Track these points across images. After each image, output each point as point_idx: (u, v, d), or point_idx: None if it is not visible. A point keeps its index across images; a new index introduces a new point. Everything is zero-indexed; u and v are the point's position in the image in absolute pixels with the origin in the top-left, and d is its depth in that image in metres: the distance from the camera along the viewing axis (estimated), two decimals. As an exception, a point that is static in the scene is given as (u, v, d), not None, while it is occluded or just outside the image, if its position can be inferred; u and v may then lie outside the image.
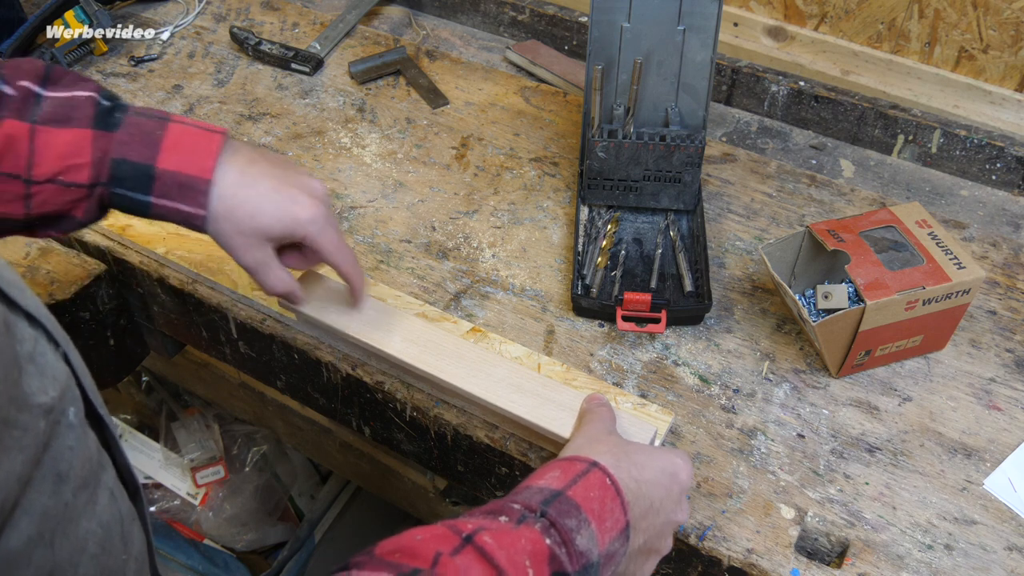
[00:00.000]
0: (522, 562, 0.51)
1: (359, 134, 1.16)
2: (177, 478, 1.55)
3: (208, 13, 1.38)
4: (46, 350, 0.45)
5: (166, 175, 0.67)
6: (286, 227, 0.70)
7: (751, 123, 1.19)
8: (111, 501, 0.51)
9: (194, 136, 0.68)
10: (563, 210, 1.05)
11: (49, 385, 0.43)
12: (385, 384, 0.86)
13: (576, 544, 0.55)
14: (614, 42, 0.97)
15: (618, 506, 0.59)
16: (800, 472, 0.79)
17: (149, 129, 0.68)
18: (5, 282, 0.44)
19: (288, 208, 0.70)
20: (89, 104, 0.67)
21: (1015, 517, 0.76)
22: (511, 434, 0.81)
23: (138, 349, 1.10)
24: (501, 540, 0.51)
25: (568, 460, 0.62)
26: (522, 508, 0.56)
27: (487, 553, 0.50)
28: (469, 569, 0.49)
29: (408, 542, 0.51)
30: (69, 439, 0.45)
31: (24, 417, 0.41)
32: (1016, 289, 0.95)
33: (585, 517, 0.56)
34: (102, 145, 0.66)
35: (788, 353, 0.89)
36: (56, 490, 0.44)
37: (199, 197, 0.68)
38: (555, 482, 0.59)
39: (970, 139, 1.08)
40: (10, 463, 0.39)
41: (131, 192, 0.68)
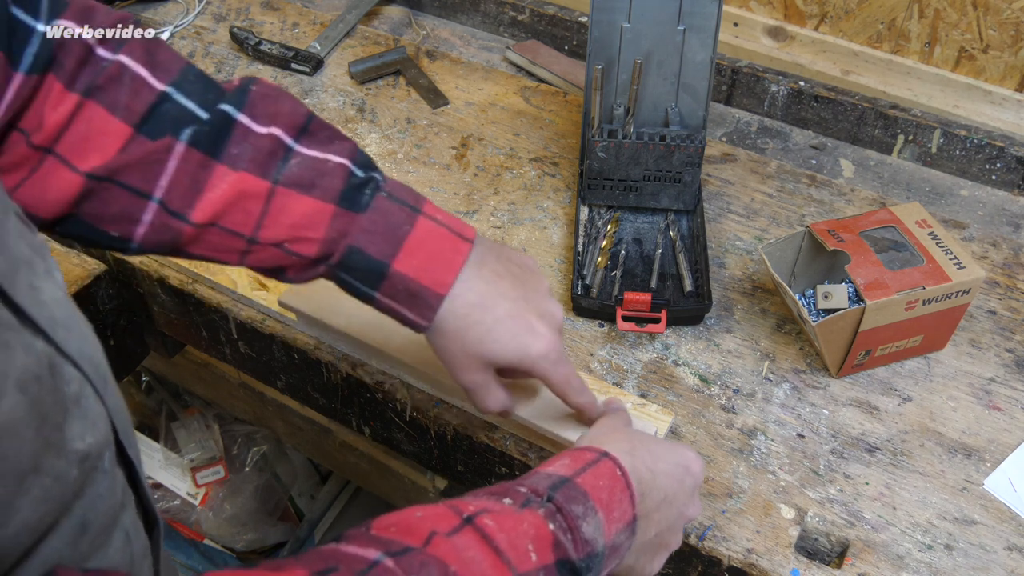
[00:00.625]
0: (524, 546, 0.50)
1: (359, 134, 1.16)
2: (177, 478, 1.55)
3: (208, 13, 1.38)
4: (89, 393, 0.42)
5: (398, 277, 0.61)
6: (516, 359, 0.64)
7: (751, 123, 1.19)
8: (125, 543, 0.48)
9: (441, 241, 0.62)
10: (563, 210, 1.05)
11: (88, 431, 0.41)
12: (385, 384, 0.86)
13: (582, 531, 0.54)
14: (614, 42, 0.97)
15: (627, 498, 0.58)
16: (800, 472, 0.79)
17: (396, 222, 0.61)
18: (52, 323, 0.41)
19: (522, 340, 0.63)
20: (340, 173, 0.61)
21: (1015, 517, 0.76)
22: (511, 434, 0.81)
23: (138, 349, 1.10)
24: (503, 523, 0.50)
25: (580, 449, 0.61)
26: (528, 492, 0.55)
27: (487, 535, 0.49)
28: (467, 549, 0.48)
29: (406, 518, 0.50)
30: (101, 487, 0.43)
31: (60, 464, 0.38)
32: (1016, 289, 0.95)
33: (592, 505, 0.55)
34: (341, 226, 0.61)
35: (788, 353, 0.89)
36: (76, 540, 0.41)
37: (427, 311, 0.62)
38: (564, 469, 0.57)
39: (970, 139, 1.08)
40: (30, 514, 0.37)
41: (357, 282, 0.63)
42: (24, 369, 0.36)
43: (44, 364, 0.38)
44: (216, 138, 0.59)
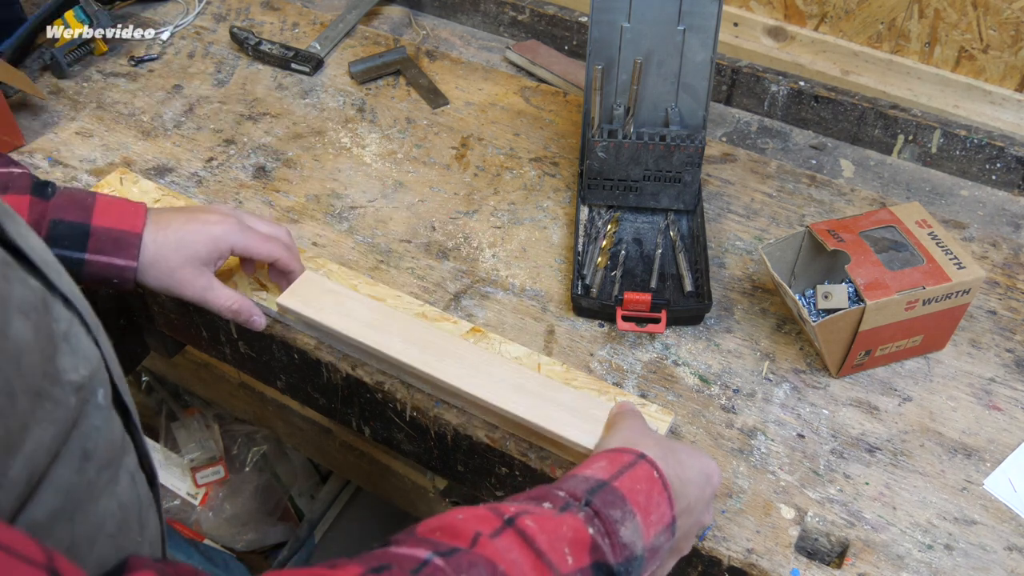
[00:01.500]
0: (561, 549, 0.51)
1: (359, 134, 1.16)
2: (177, 478, 1.55)
3: (208, 13, 1.38)
4: (80, 332, 0.46)
5: (100, 231, 0.76)
6: (209, 244, 0.79)
7: (751, 123, 1.19)
8: (131, 484, 0.52)
9: (122, 205, 0.78)
10: (563, 210, 1.05)
11: (81, 364, 0.45)
12: (385, 384, 0.86)
13: (620, 536, 0.54)
14: (614, 42, 0.97)
15: (665, 500, 0.59)
16: (800, 472, 0.79)
17: (82, 199, 0.77)
18: (44, 264, 0.46)
19: (203, 230, 0.79)
20: (25, 178, 0.76)
21: (1015, 517, 0.76)
22: (511, 434, 0.81)
23: (138, 349, 1.10)
24: (543, 525, 0.51)
25: (616, 451, 0.61)
26: (567, 496, 0.56)
27: (528, 536, 0.50)
28: (509, 550, 0.49)
29: (450, 521, 0.51)
30: (97, 419, 0.46)
31: (57, 392, 0.42)
32: (1016, 289, 0.95)
33: (631, 509, 0.56)
34: (40, 210, 0.75)
35: (788, 353, 0.89)
36: (81, 467, 0.45)
37: (131, 250, 0.77)
38: (602, 472, 0.58)
39: (970, 139, 1.08)
40: (42, 434, 0.40)
41: (66, 251, 0.75)
42: (23, 298, 0.40)
43: (39, 298, 0.42)
44: None
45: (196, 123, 1.17)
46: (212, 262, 0.81)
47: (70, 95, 1.21)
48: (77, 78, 1.24)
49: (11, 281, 0.40)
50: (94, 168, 1.09)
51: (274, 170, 1.10)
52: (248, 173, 1.09)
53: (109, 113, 1.18)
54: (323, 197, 1.06)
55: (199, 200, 1.04)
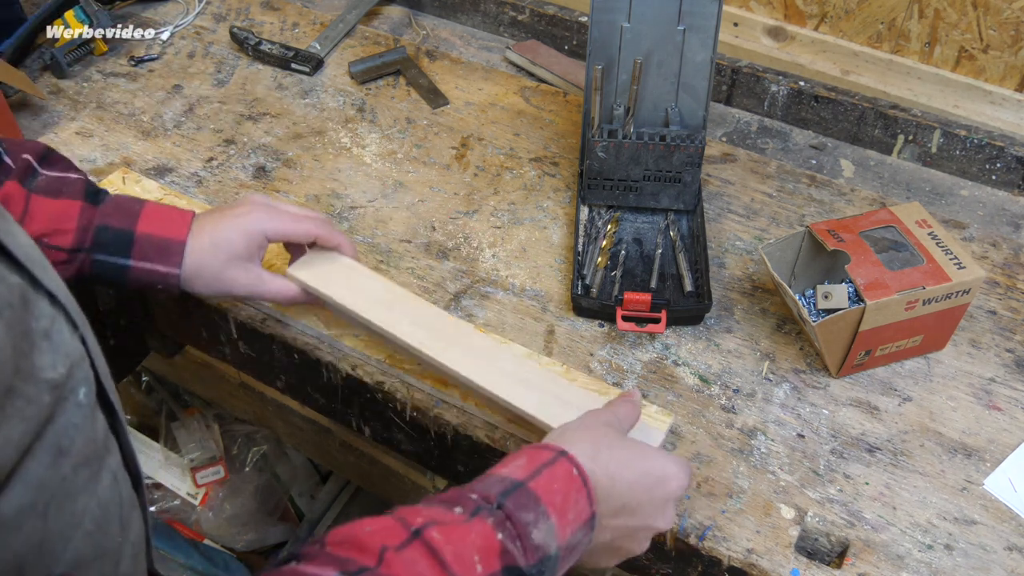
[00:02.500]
0: (471, 557, 0.51)
1: (359, 134, 1.16)
2: (177, 478, 1.55)
3: (208, 13, 1.38)
4: (63, 329, 0.46)
5: (144, 237, 0.77)
6: (244, 238, 0.79)
7: (751, 123, 1.19)
8: (113, 484, 0.51)
9: (168, 212, 0.79)
10: (563, 210, 1.05)
11: (60, 361, 0.45)
12: (385, 384, 0.86)
13: (532, 538, 0.54)
14: (614, 42, 0.97)
15: (583, 497, 0.58)
16: (800, 472, 0.79)
17: (129, 205, 0.78)
18: (29, 260, 0.45)
19: (233, 225, 0.79)
20: (80, 183, 0.78)
21: (1015, 517, 0.76)
22: (511, 434, 0.81)
23: (138, 349, 1.10)
24: (450, 535, 0.51)
25: (538, 448, 0.61)
26: (479, 499, 0.55)
27: (434, 548, 0.50)
28: (415, 563, 0.49)
29: (357, 533, 0.51)
30: (75, 417, 0.46)
31: (30, 389, 0.42)
32: (1016, 289, 0.95)
33: (544, 510, 0.56)
34: (89, 215, 0.76)
35: (788, 353, 0.89)
36: (55, 463, 0.44)
37: (175, 257, 0.77)
38: (518, 471, 0.58)
39: (970, 139, 1.08)
40: (10, 430, 0.40)
41: (111, 257, 0.77)
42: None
43: (16, 295, 0.42)
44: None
45: (196, 123, 1.17)
46: (253, 254, 0.81)
47: (70, 95, 1.21)
48: (77, 78, 1.24)
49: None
50: (94, 168, 1.09)
51: (274, 170, 1.10)
52: (248, 173, 1.09)
53: (109, 113, 1.18)
54: (323, 197, 1.06)
55: (199, 200, 1.03)
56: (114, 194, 0.80)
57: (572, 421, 0.67)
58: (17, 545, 0.42)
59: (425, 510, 0.54)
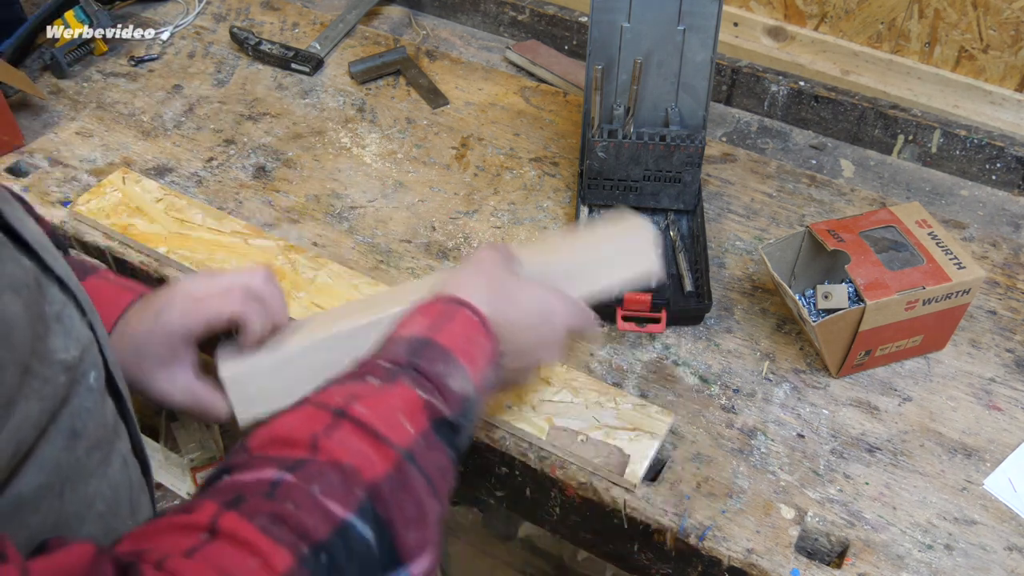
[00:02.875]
0: (397, 421, 0.51)
1: (359, 134, 1.16)
2: (177, 478, 1.55)
3: (208, 13, 1.38)
4: (73, 314, 0.47)
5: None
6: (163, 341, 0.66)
7: (751, 123, 1.19)
8: (123, 467, 0.52)
9: (110, 290, 0.68)
10: (563, 210, 1.05)
11: (72, 345, 0.45)
12: (385, 384, 0.86)
13: (450, 388, 0.55)
14: (614, 42, 0.97)
15: (485, 338, 0.59)
16: (800, 472, 0.79)
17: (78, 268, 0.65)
18: (40, 246, 0.46)
19: (151, 325, 0.66)
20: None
21: (1015, 517, 0.76)
22: (511, 434, 0.81)
23: (138, 349, 1.10)
24: (373, 405, 0.51)
25: (432, 303, 0.61)
26: (391, 365, 0.55)
27: (362, 422, 0.50)
28: (348, 441, 0.49)
29: (281, 431, 0.49)
30: (87, 400, 0.47)
31: (46, 370, 0.42)
32: (1016, 289, 0.95)
33: (454, 359, 0.57)
34: None
35: (788, 353, 0.89)
36: (69, 445, 0.45)
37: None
38: (420, 328, 0.58)
39: (970, 139, 1.08)
40: (28, 409, 0.41)
41: None
42: (14, 276, 0.41)
43: (31, 277, 0.43)
44: None
45: (196, 123, 1.17)
46: (176, 359, 0.67)
47: (70, 95, 1.21)
48: (77, 78, 1.24)
49: (3, 260, 0.41)
50: (94, 168, 1.09)
51: (274, 170, 1.10)
52: (248, 173, 1.09)
53: (109, 113, 1.18)
54: (323, 197, 1.06)
55: (200, 200, 1.03)
56: (73, 253, 0.72)
57: (451, 271, 0.67)
58: (34, 524, 0.43)
59: (339, 388, 0.53)
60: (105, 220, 0.98)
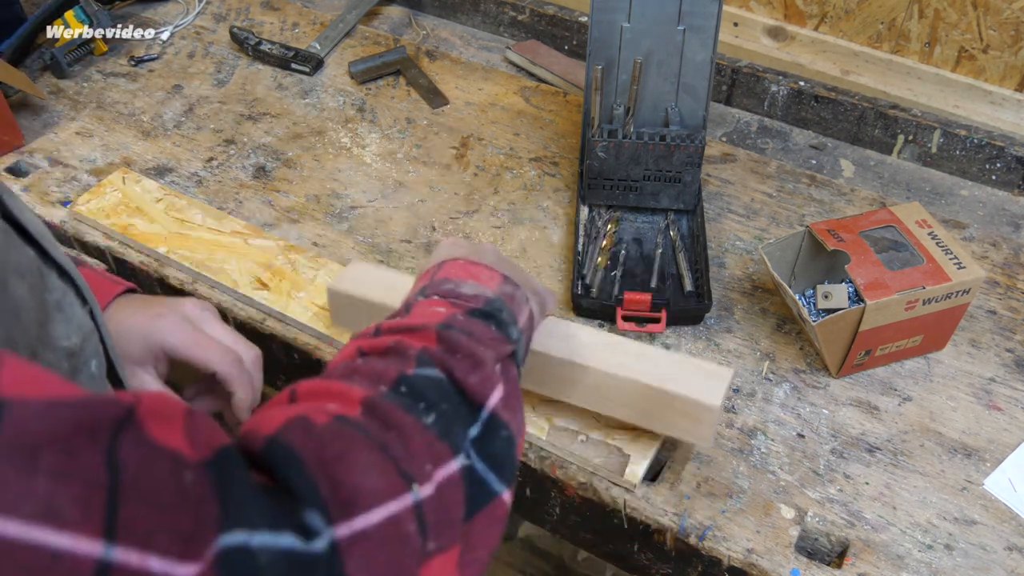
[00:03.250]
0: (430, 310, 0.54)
1: (359, 134, 1.16)
2: (177, 478, 1.54)
3: (208, 13, 1.38)
4: (74, 302, 0.48)
5: None
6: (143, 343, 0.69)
7: (751, 123, 1.19)
8: None
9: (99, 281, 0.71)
10: (563, 210, 1.05)
11: (73, 332, 0.46)
12: (385, 384, 0.86)
13: (463, 293, 0.56)
14: (614, 42, 0.97)
15: (484, 270, 0.60)
16: (800, 472, 0.79)
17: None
18: (40, 236, 0.47)
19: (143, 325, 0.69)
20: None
21: (1015, 517, 0.76)
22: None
23: (138, 349, 1.10)
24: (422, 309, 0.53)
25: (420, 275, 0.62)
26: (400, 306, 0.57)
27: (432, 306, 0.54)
28: (429, 308, 0.53)
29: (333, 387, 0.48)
30: (89, 388, 0.47)
31: (49, 355, 0.44)
32: (1016, 289, 0.95)
33: (460, 280, 0.58)
34: None
35: (788, 353, 0.89)
36: None
37: None
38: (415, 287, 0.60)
39: (970, 139, 1.08)
40: None
41: None
42: (19, 263, 0.42)
43: (34, 265, 0.44)
44: None
45: (196, 123, 1.17)
46: (147, 363, 0.70)
47: (70, 95, 1.21)
48: (77, 78, 1.24)
49: (9, 247, 0.42)
50: (94, 168, 1.09)
51: (274, 170, 1.10)
52: (248, 173, 1.09)
53: (109, 113, 1.18)
54: (323, 197, 1.06)
55: (200, 200, 1.03)
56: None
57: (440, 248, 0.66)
58: None
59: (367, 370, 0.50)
60: (105, 220, 0.98)
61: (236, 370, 0.71)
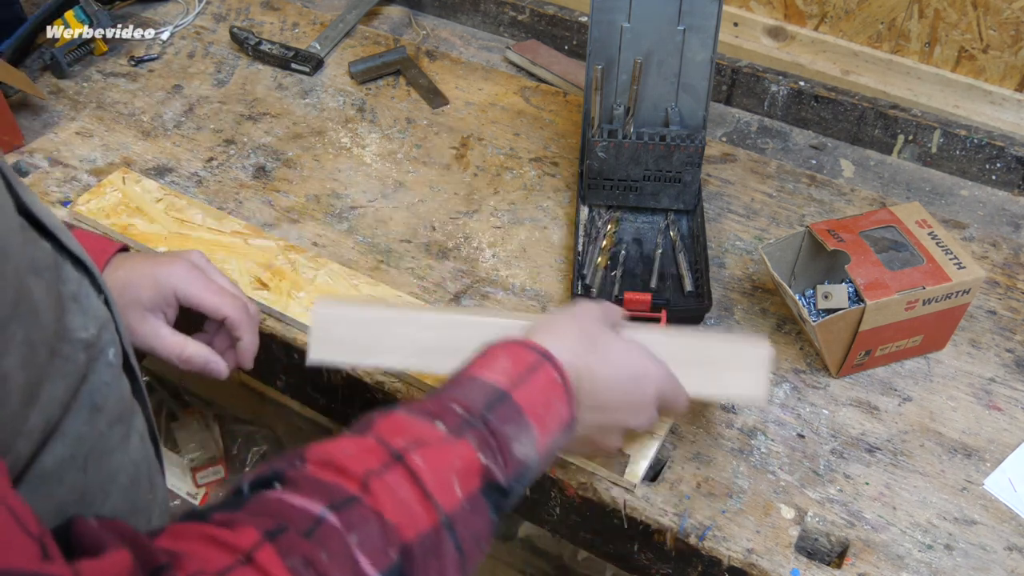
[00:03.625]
0: (450, 481, 0.50)
1: (359, 134, 1.16)
2: (177, 478, 1.55)
3: (208, 13, 1.38)
4: (90, 292, 0.48)
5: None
6: (151, 288, 0.71)
7: (751, 123, 1.19)
8: (142, 444, 0.54)
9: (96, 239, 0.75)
10: (563, 210, 1.05)
11: (90, 323, 0.47)
12: (385, 384, 0.86)
13: (513, 452, 0.54)
14: (614, 42, 0.97)
15: (564, 403, 0.58)
16: (800, 472, 0.79)
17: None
18: (55, 228, 0.48)
19: (148, 272, 0.72)
20: None
21: (1015, 517, 0.76)
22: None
23: (138, 350, 1.10)
24: (431, 459, 0.51)
25: (521, 346, 0.60)
26: (463, 412, 0.54)
27: (415, 473, 0.49)
28: (398, 488, 0.49)
29: (339, 456, 0.49)
30: (106, 376, 0.48)
31: (67, 348, 0.44)
32: (1016, 289, 0.95)
33: (527, 422, 0.56)
34: None
35: (788, 353, 0.89)
36: (91, 419, 0.47)
37: None
38: (502, 378, 0.57)
39: (970, 139, 1.08)
40: (54, 388, 0.43)
41: None
42: (37, 260, 0.43)
43: (51, 259, 0.45)
44: None
45: (196, 123, 1.17)
46: (157, 308, 0.73)
47: (70, 95, 1.21)
48: (77, 78, 1.24)
49: (27, 245, 0.43)
50: (94, 168, 1.09)
51: (274, 170, 1.10)
52: (248, 173, 1.09)
53: (109, 113, 1.18)
54: (323, 197, 1.06)
55: (200, 200, 1.04)
56: None
57: (560, 310, 0.66)
58: (60, 496, 0.45)
59: (406, 425, 0.52)
60: (105, 220, 0.98)
61: (245, 316, 0.75)
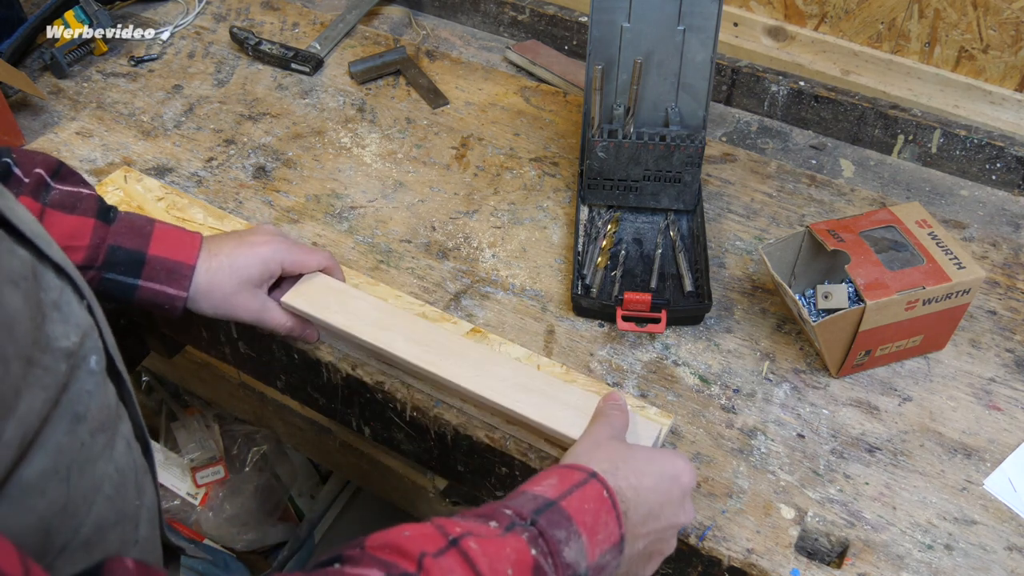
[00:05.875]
0: (504, 570, 0.52)
1: (359, 134, 1.16)
2: (177, 478, 1.55)
3: (208, 13, 1.38)
4: (71, 299, 0.48)
5: (155, 260, 0.78)
6: (260, 266, 0.81)
7: (751, 123, 1.19)
8: (127, 450, 0.53)
9: (178, 234, 0.80)
10: (563, 210, 1.05)
11: (72, 331, 0.47)
12: (385, 384, 0.86)
13: (563, 555, 0.55)
14: (614, 42, 0.97)
15: (613, 519, 0.59)
16: (800, 472, 0.79)
17: (141, 225, 0.79)
18: (34, 234, 0.48)
19: (253, 252, 0.81)
20: (92, 200, 0.77)
21: (1015, 517, 0.76)
22: (511, 435, 0.81)
23: (138, 349, 1.10)
24: (486, 547, 0.52)
25: (567, 468, 0.62)
26: (513, 515, 0.56)
27: (470, 558, 0.51)
28: (452, 571, 0.50)
29: (396, 539, 0.51)
30: (88, 384, 0.48)
31: (47, 358, 0.44)
32: (1016, 289, 0.95)
33: (576, 529, 0.57)
34: (101, 233, 0.76)
35: (788, 353, 0.89)
36: (72, 429, 0.46)
37: (183, 280, 0.78)
38: (551, 491, 0.59)
39: (970, 139, 1.08)
40: (32, 399, 0.43)
41: (122, 276, 0.77)
42: (12, 269, 0.42)
43: (28, 268, 0.44)
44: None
45: (196, 123, 1.17)
46: (264, 282, 0.82)
47: (70, 95, 1.21)
48: (77, 78, 1.24)
49: (1, 253, 0.42)
50: (94, 168, 1.09)
51: (274, 170, 1.10)
52: (248, 173, 1.09)
53: (109, 113, 1.18)
54: (323, 197, 1.06)
55: (201, 200, 1.03)
56: (124, 212, 0.79)
57: (579, 442, 0.69)
58: (42, 508, 0.44)
59: (462, 522, 0.54)
60: (105, 220, 0.98)
61: (335, 261, 0.88)
